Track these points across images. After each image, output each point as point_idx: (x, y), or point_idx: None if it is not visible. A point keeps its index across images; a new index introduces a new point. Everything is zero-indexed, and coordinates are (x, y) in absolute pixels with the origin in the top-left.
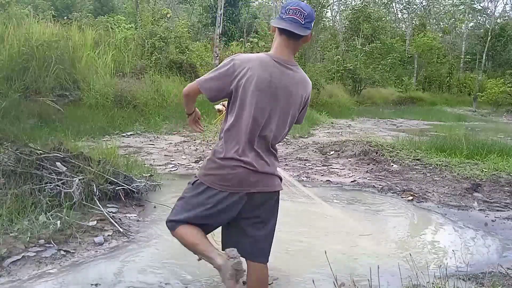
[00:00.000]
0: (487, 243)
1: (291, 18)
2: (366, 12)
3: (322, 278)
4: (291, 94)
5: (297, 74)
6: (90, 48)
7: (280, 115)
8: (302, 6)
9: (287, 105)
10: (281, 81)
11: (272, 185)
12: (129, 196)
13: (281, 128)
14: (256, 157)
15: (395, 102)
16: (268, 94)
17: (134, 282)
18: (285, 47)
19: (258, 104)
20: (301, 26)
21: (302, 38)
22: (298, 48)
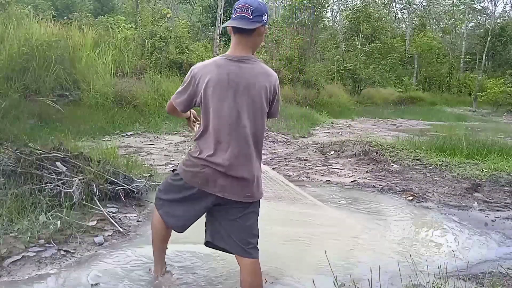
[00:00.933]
0: (487, 243)
1: (239, 16)
2: (366, 12)
3: (322, 278)
4: (254, 86)
5: (256, 66)
6: (90, 48)
7: (249, 108)
8: (249, 2)
9: (252, 97)
10: (239, 75)
11: (242, 194)
12: (129, 196)
13: (256, 121)
14: (231, 159)
15: (395, 102)
16: (230, 91)
17: (134, 282)
18: (240, 44)
19: (223, 103)
20: (249, 21)
21: (255, 32)
22: (255, 43)
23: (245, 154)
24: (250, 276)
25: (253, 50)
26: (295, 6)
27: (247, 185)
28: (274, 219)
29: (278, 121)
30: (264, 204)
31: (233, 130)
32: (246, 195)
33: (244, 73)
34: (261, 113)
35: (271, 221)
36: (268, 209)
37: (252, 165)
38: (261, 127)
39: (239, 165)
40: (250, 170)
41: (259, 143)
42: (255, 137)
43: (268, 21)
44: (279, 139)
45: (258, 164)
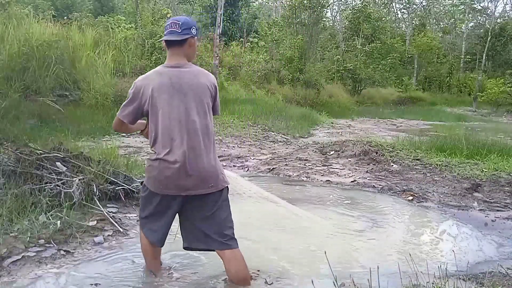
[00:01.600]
0: (487, 243)
1: (169, 31)
2: (366, 12)
3: (322, 278)
4: (197, 85)
5: (193, 69)
6: (90, 48)
7: (196, 104)
8: (176, 18)
9: (197, 94)
10: (181, 78)
11: (206, 186)
12: (129, 196)
13: (204, 116)
14: (187, 152)
15: (395, 102)
16: (175, 93)
17: (134, 282)
18: (174, 55)
19: (171, 104)
20: (178, 33)
21: (185, 44)
22: (188, 53)
23: (199, 146)
24: (233, 266)
25: (188, 60)
26: (295, 6)
27: (209, 175)
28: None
29: (278, 121)
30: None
31: (183, 126)
32: (210, 185)
33: (185, 75)
34: (207, 108)
35: (269, 221)
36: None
37: (209, 156)
38: (210, 121)
39: (196, 157)
40: (208, 161)
41: (210, 135)
42: (206, 129)
43: (198, 34)
44: (279, 139)
45: (214, 154)
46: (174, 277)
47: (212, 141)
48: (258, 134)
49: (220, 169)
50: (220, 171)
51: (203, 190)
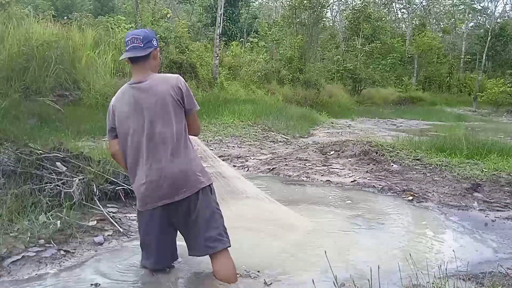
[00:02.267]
0: (487, 243)
1: (131, 47)
2: (366, 12)
3: (322, 278)
4: (155, 97)
5: (153, 81)
6: (90, 48)
7: (160, 115)
8: (136, 33)
9: (158, 105)
10: (139, 96)
11: (178, 192)
12: (129, 196)
13: (170, 124)
14: (155, 166)
15: (395, 102)
16: (135, 112)
17: (134, 282)
18: (137, 71)
19: (135, 124)
20: (142, 48)
21: (150, 57)
22: (153, 65)
23: (166, 156)
24: (220, 266)
25: (153, 71)
26: (295, 6)
27: (179, 182)
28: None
29: (278, 121)
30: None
31: (150, 141)
32: (182, 191)
33: (144, 91)
34: (173, 114)
35: (269, 222)
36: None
37: (178, 161)
38: (180, 127)
39: (163, 167)
40: (178, 167)
41: (181, 140)
42: (177, 135)
43: (158, 44)
44: (279, 139)
45: (186, 158)
46: (174, 277)
47: (186, 145)
48: (258, 134)
49: (194, 170)
50: (194, 172)
51: (177, 197)
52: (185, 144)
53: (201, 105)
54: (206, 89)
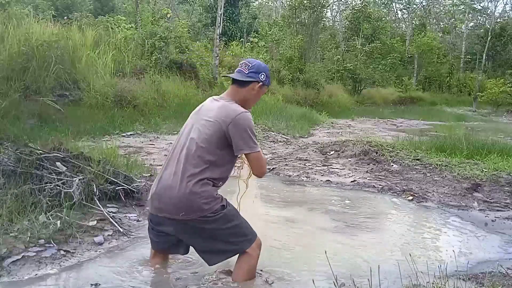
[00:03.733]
0: (487, 243)
1: (238, 70)
2: (366, 12)
3: (322, 278)
4: (209, 117)
5: (219, 103)
6: (90, 48)
7: (200, 135)
8: (250, 60)
9: (205, 126)
10: (207, 108)
11: (179, 213)
12: (129, 196)
13: (201, 147)
14: (166, 178)
15: (395, 102)
16: (192, 121)
17: (134, 282)
18: (229, 91)
19: (184, 132)
20: (244, 74)
21: (248, 86)
22: (245, 97)
23: (179, 173)
24: (233, 271)
25: (242, 103)
26: (295, 6)
27: (179, 204)
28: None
29: (278, 121)
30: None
31: (179, 153)
32: (181, 214)
33: (209, 107)
34: (212, 144)
35: (269, 222)
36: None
37: (187, 184)
38: (207, 154)
39: (172, 183)
40: (183, 190)
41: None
42: (198, 159)
43: (267, 82)
44: (279, 139)
45: (196, 185)
46: (174, 277)
47: (202, 172)
48: (258, 134)
49: (199, 199)
50: (199, 201)
51: (177, 216)
52: (203, 178)
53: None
54: (206, 89)
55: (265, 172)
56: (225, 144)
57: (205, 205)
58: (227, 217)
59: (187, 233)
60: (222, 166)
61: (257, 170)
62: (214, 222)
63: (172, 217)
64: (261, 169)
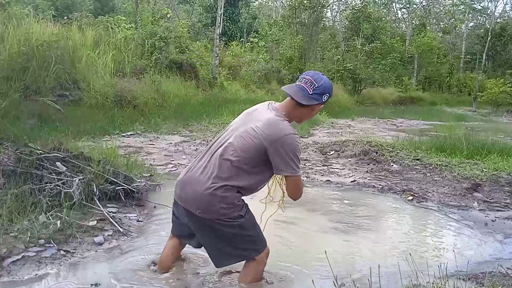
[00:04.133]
0: (487, 243)
1: (300, 86)
2: (366, 12)
3: (322, 278)
4: (254, 126)
5: (271, 116)
6: (90, 48)
7: (238, 138)
8: (316, 78)
9: (247, 132)
10: (258, 113)
11: (195, 209)
12: (129, 196)
13: (234, 149)
14: (195, 171)
15: (395, 102)
16: (243, 119)
17: (134, 282)
18: (286, 104)
19: (231, 126)
20: (307, 95)
21: (307, 108)
22: (302, 115)
23: (206, 177)
24: (240, 274)
25: (297, 119)
26: (295, 6)
27: (198, 201)
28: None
29: None
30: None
31: (215, 149)
32: (198, 211)
33: (259, 114)
34: (244, 147)
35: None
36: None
37: (210, 186)
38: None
39: (198, 178)
40: (206, 189)
41: (227, 172)
42: (227, 165)
43: (327, 101)
44: None
45: (220, 190)
46: (175, 277)
47: (229, 179)
48: None
49: (219, 203)
50: (218, 205)
51: (193, 210)
52: (228, 184)
53: (201, 105)
54: (206, 89)
55: (300, 197)
56: (262, 159)
57: (224, 209)
58: (243, 226)
59: (201, 230)
60: (253, 178)
61: (293, 193)
62: (229, 227)
63: (190, 211)
64: (297, 193)
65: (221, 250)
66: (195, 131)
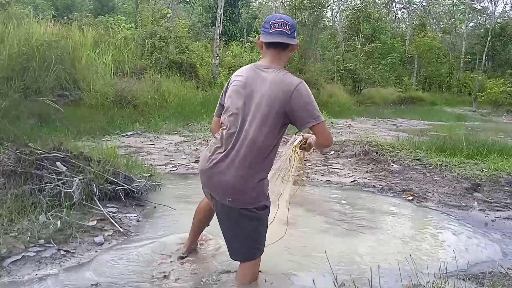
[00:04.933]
0: (487, 243)
1: (278, 31)
2: (366, 12)
3: (322, 278)
4: (265, 95)
5: (270, 75)
6: (90, 48)
7: (257, 115)
8: (285, 18)
9: (262, 105)
10: (255, 82)
11: (226, 199)
12: (129, 196)
13: (259, 129)
14: (223, 158)
15: (395, 102)
16: (243, 95)
17: (134, 282)
18: (270, 56)
19: (235, 105)
20: (288, 36)
21: (289, 48)
22: (285, 58)
23: (237, 158)
24: (237, 275)
25: (282, 63)
26: (295, 6)
27: (229, 190)
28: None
29: None
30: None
31: (236, 134)
32: (228, 200)
33: (259, 80)
34: (269, 124)
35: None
36: None
37: (242, 171)
38: (264, 136)
39: (228, 166)
40: (237, 175)
41: (261, 150)
42: (255, 143)
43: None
44: None
45: (253, 171)
46: (173, 277)
47: (262, 158)
48: None
49: (253, 189)
50: (252, 191)
51: (223, 200)
52: (265, 158)
53: (201, 105)
54: (206, 89)
55: (332, 141)
56: (279, 124)
57: (254, 200)
58: (261, 221)
59: (224, 216)
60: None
61: (325, 139)
62: (246, 215)
63: (218, 199)
64: (329, 138)
65: (236, 240)
66: (195, 131)
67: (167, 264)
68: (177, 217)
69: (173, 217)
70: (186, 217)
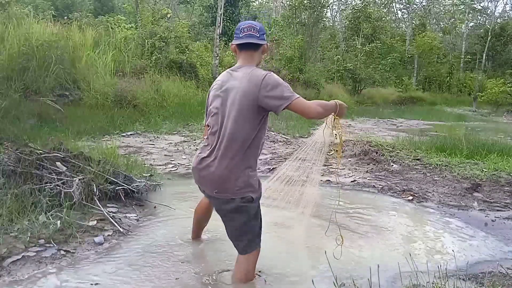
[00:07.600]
0: (487, 243)
1: (247, 35)
2: (366, 12)
3: (322, 278)
4: (238, 90)
5: (240, 73)
6: (90, 48)
7: (232, 110)
8: (253, 23)
9: (236, 100)
10: (229, 82)
11: (212, 191)
12: (129, 196)
13: (236, 122)
14: (219, 160)
15: (395, 102)
16: (221, 96)
17: (134, 282)
18: (243, 58)
19: (214, 105)
20: (257, 38)
21: (260, 49)
22: (257, 58)
23: (220, 151)
24: (235, 267)
25: (255, 63)
26: (295, 6)
27: (216, 182)
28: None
29: (278, 121)
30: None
31: (218, 130)
32: (214, 191)
33: (232, 80)
34: (248, 114)
35: (270, 223)
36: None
37: (227, 162)
38: (242, 128)
39: (212, 161)
40: (222, 167)
41: (243, 142)
42: (233, 136)
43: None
44: (279, 139)
45: (237, 162)
46: (173, 277)
47: (243, 148)
48: None
49: (237, 179)
50: (236, 181)
51: (211, 193)
52: (249, 149)
53: (201, 105)
54: (206, 89)
55: (318, 111)
56: (257, 115)
57: (240, 189)
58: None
59: (219, 208)
60: (258, 133)
61: (309, 113)
62: (236, 205)
63: (208, 193)
64: (311, 110)
65: (237, 233)
66: (195, 131)
67: (167, 264)
68: (177, 217)
69: (173, 217)
70: (186, 217)
